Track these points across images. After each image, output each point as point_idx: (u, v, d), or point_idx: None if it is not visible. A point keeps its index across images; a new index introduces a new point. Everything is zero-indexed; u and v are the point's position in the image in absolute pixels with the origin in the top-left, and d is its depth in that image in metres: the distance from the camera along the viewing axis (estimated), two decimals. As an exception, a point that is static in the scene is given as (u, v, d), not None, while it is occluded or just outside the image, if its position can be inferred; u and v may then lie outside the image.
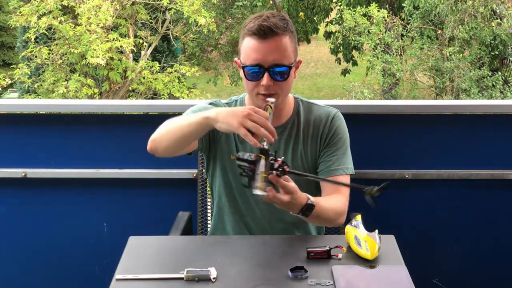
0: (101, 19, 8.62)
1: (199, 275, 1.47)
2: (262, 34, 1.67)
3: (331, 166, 1.83)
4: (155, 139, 1.73)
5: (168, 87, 9.47)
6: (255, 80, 1.71)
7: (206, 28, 9.68)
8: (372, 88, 10.24)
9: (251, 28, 1.69)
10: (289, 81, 1.74)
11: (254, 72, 1.70)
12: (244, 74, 1.73)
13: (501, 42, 9.61)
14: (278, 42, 1.69)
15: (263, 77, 1.70)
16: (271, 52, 1.69)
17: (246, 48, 1.71)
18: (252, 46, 1.69)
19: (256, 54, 1.69)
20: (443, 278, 2.49)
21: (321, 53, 17.69)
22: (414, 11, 10.01)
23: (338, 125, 1.88)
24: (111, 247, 2.10)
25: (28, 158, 2.36)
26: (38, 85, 9.47)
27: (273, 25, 1.68)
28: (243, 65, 1.72)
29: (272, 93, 1.72)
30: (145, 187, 2.39)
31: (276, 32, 1.68)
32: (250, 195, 1.83)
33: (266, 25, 1.67)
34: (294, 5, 13.60)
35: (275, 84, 1.71)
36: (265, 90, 1.71)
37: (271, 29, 1.67)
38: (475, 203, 2.43)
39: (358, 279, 1.49)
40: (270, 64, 1.69)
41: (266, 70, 1.69)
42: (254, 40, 1.69)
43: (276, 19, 1.70)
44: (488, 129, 2.37)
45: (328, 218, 1.73)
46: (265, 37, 1.68)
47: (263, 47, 1.68)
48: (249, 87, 1.75)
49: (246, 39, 1.71)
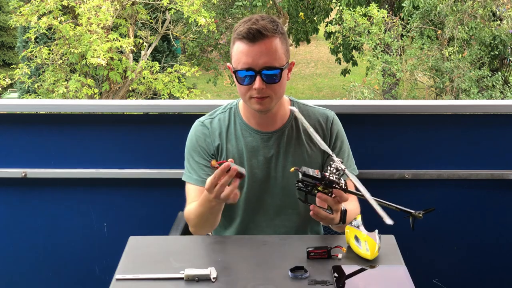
0: (101, 19, 8.61)
1: (199, 275, 1.47)
2: (251, 37, 1.68)
3: None
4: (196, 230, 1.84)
5: (168, 87, 9.46)
6: (247, 84, 1.72)
7: (206, 28, 9.68)
8: (372, 88, 10.24)
9: (240, 32, 1.69)
10: (281, 83, 1.74)
11: (246, 76, 1.71)
12: (236, 78, 1.73)
13: (501, 42, 9.60)
14: (268, 45, 1.69)
15: (255, 80, 1.70)
16: (261, 55, 1.69)
17: (236, 53, 1.72)
18: (242, 50, 1.70)
19: (246, 58, 1.69)
20: (443, 278, 2.49)
21: (321, 53, 17.69)
22: (414, 11, 10.01)
23: (338, 129, 1.90)
24: (111, 247, 2.10)
25: (28, 158, 2.36)
26: (38, 85, 9.46)
27: (262, 27, 1.68)
28: (235, 69, 1.73)
29: (265, 96, 1.73)
30: (145, 187, 2.39)
31: (265, 34, 1.68)
32: (255, 202, 1.85)
33: (255, 28, 1.67)
34: (294, 5, 13.58)
35: (267, 87, 1.71)
36: (258, 93, 1.72)
37: (260, 31, 1.68)
38: (475, 203, 2.43)
39: (358, 279, 1.49)
40: (261, 67, 1.69)
41: (258, 73, 1.69)
42: (244, 44, 1.69)
43: (266, 21, 1.70)
44: (488, 129, 2.37)
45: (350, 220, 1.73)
46: (255, 40, 1.68)
47: (253, 50, 1.68)
48: (242, 91, 1.76)
49: (236, 43, 1.71)
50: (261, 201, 1.87)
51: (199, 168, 1.85)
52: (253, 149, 1.84)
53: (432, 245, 2.48)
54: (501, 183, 2.38)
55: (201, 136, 1.87)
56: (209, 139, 1.86)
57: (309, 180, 1.57)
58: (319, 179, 1.56)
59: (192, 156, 1.87)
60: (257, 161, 1.84)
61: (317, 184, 1.57)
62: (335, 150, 1.89)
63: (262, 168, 1.85)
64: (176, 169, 2.29)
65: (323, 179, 1.56)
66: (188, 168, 1.88)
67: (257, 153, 1.85)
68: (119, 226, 2.43)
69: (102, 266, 2.47)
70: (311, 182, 1.57)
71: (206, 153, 1.86)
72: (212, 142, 1.86)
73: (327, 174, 1.57)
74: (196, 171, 1.86)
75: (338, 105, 2.28)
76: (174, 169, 2.30)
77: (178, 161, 1.97)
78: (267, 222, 1.90)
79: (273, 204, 1.88)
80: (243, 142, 1.84)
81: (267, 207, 1.89)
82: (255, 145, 1.84)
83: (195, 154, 1.87)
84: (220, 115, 1.89)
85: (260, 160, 1.85)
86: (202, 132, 1.87)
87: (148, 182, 2.38)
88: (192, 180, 1.86)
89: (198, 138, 1.87)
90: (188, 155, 1.89)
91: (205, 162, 1.86)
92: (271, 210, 1.89)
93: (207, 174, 1.85)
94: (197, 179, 1.85)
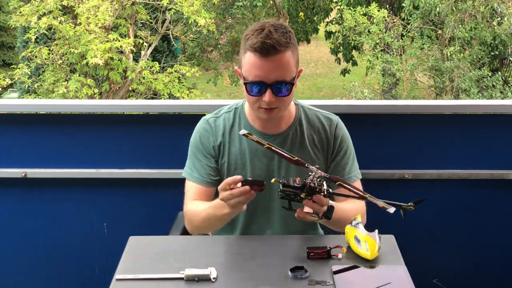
0: (99, 19, 8.61)
1: (199, 275, 1.47)
2: (265, 52, 1.66)
3: (345, 175, 1.87)
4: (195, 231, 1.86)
5: (168, 87, 9.46)
6: (257, 95, 1.71)
7: (205, 28, 9.68)
8: (372, 88, 10.24)
9: (253, 45, 1.67)
10: (290, 94, 1.74)
11: (256, 88, 1.70)
12: (246, 89, 1.73)
13: (501, 42, 9.60)
14: (281, 60, 1.68)
15: (265, 93, 1.69)
16: (273, 70, 1.68)
17: (248, 64, 1.70)
18: (254, 63, 1.68)
19: (258, 71, 1.68)
20: (443, 278, 2.49)
21: (321, 53, 17.69)
22: (414, 11, 10.01)
23: (343, 133, 1.90)
24: (111, 247, 2.10)
25: (28, 158, 2.36)
26: (38, 85, 9.46)
27: (276, 42, 1.66)
28: (245, 80, 1.72)
29: (274, 107, 1.73)
30: (145, 187, 2.39)
31: (279, 49, 1.67)
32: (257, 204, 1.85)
33: (269, 43, 1.65)
34: (294, 5, 13.58)
35: (277, 99, 1.71)
36: (267, 105, 1.72)
37: (274, 47, 1.66)
38: (475, 203, 2.43)
39: (358, 279, 1.49)
40: (273, 82, 1.68)
41: (269, 86, 1.69)
42: (256, 58, 1.68)
43: (279, 34, 1.68)
44: (488, 129, 2.37)
45: (350, 219, 1.73)
46: (268, 55, 1.66)
47: (266, 65, 1.67)
48: (250, 101, 1.76)
49: (248, 54, 1.69)
50: (263, 204, 1.87)
51: (201, 166, 1.86)
52: (256, 151, 1.84)
53: (432, 245, 2.48)
54: (501, 183, 2.38)
55: (204, 134, 1.87)
56: (212, 137, 1.86)
57: (290, 190, 1.59)
58: (300, 188, 1.58)
59: (195, 153, 1.88)
60: (259, 163, 1.84)
61: (299, 192, 1.59)
62: (339, 154, 1.89)
63: (264, 170, 1.85)
64: (176, 169, 2.28)
65: (303, 187, 1.57)
66: (189, 165, 1.89)
67: (260, 155, 1.85)
68: (119, 226, 2.43)
69: (102, 266, 2.47)
70: (293, 191, 1.59)
71: (208, 151, 1.86)
72: (215, 140, 1.86)
73: (308, 181, 1.58)
74: (198, 169, 1.86)
75: (338, 105, 2.28)
76: (174, 169, 2.30)
77: (178, 161, 1.97)
78: (269, 224, 1.90)
79: (275, 207, 1.88)
80: (246, 143, 1.84)
81: (269, 210, 1.89)
82: (259, 147, 1.83)
83: (197, 152, 1.87)
84: (225, 115, 1.90)
85: (262, 162, 1.84)
86: (205, 129, 1.88)
87: (148, 182, 2.37)
88: (193, 178, 1.86)
89: (202, 135, 1.88)
90: (191, 152, 1.90)
91: (207, 161, 1.86)
92: (273, 213, 1.89)
93: (208, 173, 1.85)
94: (198, 177, 1.86)
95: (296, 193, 1.59)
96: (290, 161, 1.60)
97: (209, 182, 1.86)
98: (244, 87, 1.73)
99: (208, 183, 1.86)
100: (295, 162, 1.60)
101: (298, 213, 1.65)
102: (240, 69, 1.76)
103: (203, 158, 1.86)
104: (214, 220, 1.76)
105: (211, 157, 1.86)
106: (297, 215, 1.65)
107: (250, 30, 1.72)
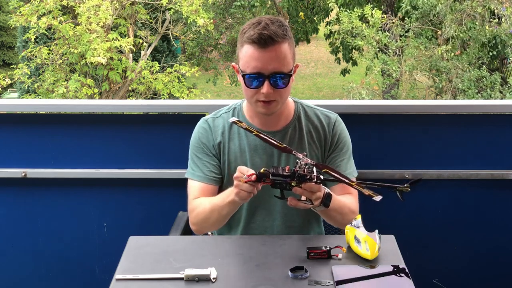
0: (100, 18, 8.61)
1: (199, 275, 1.47)
2: (262, 43, 1.69)
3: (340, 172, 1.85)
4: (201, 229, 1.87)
5: (168, 87, 9.45)
6: (255, 87, 1.73)
7: (204, 28, 9.67)
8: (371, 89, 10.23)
9: (251, 37, 1.70)
10: (288, 87, 1.76)
11: (254, 80, 1.72)
12: (244, 82, 1.75)
13: (500, 42, 9.59)
14: (278, 51, 1.70)
15: (263, 85, 1.72)
16: (271, 60, 1.70)
17: (245, 56, 1.72)
18: (252, 54, 1.70)
19: (256, 63, 1.70)
20: (443, 278, 2.49)
21: (321, 53, 17.68)
22: (412, 11, 10.00)
23: (341, 130, 1.91)
24: (111, 247, 2.10)
25: (28, 158, 2.36)
26: (38, 85, 9.45)
27: (273, 33, 1.69)
28: (243, 73, 1.74)
29: (272, 99, 1.74)
30: (145, 187, 2.39)
31: (276, 40, 1.69)
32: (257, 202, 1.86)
33: (266, 33, 1.68)
34: (294, 5, 13.58)
35: (274, 92, 1.73)
36: (265, 97, 1.74)
37: (271, 37, 1.69)
38: (475, 203, 2.43)
39: (358, 279, 1.49)
40: (270, 73, 1.71)
41: (266, 78, 1.71)
42: (254, 49, 1.70)
43: (275, 26, 1.71)
44: (488, 129, 2.37)
45: (344, 213, 1.76)
46: (265, 46, 1.69)
47: (263, 56, 1.70)
48: (248, 94, 1.77)
49: (246, 46, 1.72)
50: (263, 201, 1.88)
51: (202, 164, 1.87)
52: (256, 148, 1.86)
53: (432, 245, 2.48)
54: (501, 183, 2.38)
55: (203, 133, 1.89)
56: (211, 136, 1.88)
57: (280, 179, 1.59)
58: (289, 176, 1.59)
59: (195, 153, 1.89)
60: (259, 159, 1.86)
61: (289, 181, 1.59)
62: (335, 150, 1.90)
63: (264, 167, 1.85)
64: (176, 169, 2.29)
65: (293, 175, 1.58)
66: (191, 165, 1.90)
67: (260, 152, 1.86)
68: (119, 226, 2.43)
69: (102, 266, 2.47)
70: (283, 180, 1.59)
71: (209, 150, 1.88)
72: (214, 139, 1.88)
73: (297, 169, 1.58)
74: (200, 168, 1.87)
75: (338, 105, 2.28)
76: (174, 169, 2.30)
77: (178, 161, 1.98)
78: (269, 222, 1.91)
79: (275, 204, 1.88)
80: (246, 140, 1.86)
81: (269, 207, 1.89)
82: (258, 144, 1.85)
83: (198, 151, 1.89)
84: (224, 115, 1.92)
85: (262, 159, 1.86)
86: (204, 129, 1.89)
87: (148, 182, 2.38)
88: (196, 176, 1.87)
89: (201, 135, 1.89)
90: (191, 153, 1.91)
91: (208, 159, 1.87)
92: (273, 210, 1.89)
93: (210, 171, 1.86)
94: (200, 175, 1.87)
95: (286, 181, 1.59)
96: (278, 148, 1.63)
97: (212, 180, 1.87)
98: (242, 80, 1.75)
99: (211, 181, 1.87)
100: (283, 149, 1.62)
101: (289, 201, 1.66)
102: (237, 64, 1.77)
103: (204, 157, 1.87)
104: (219, 209, 1.76)
105: (212, 155, 1.87)
106: (289, 203, 1.66)
107: (247, 24, 1.75)
